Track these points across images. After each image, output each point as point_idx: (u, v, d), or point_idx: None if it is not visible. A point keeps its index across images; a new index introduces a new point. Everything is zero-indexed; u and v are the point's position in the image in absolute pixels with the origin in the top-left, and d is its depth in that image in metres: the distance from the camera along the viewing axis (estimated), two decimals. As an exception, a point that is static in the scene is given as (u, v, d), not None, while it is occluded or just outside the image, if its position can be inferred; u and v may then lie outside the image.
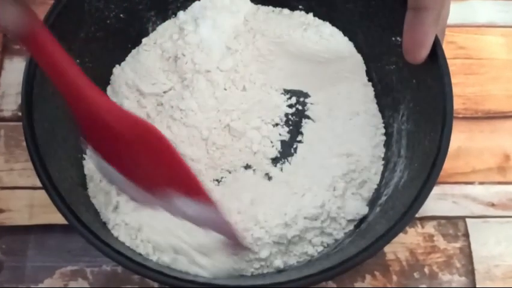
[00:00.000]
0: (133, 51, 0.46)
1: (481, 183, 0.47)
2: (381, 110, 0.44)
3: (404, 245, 0.44)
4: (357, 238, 0.38)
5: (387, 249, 0.44)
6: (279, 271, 0.39)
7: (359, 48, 0.45)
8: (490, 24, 0.53)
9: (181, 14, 0.47)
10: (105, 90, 0.45)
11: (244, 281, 0.38)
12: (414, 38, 0.37)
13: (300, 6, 0.47)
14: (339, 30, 0.46)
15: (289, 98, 0.46)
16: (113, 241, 0.38)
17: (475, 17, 0.53)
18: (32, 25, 0.31)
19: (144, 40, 0.46)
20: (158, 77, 0.45)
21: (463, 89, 0.50)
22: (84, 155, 0.42)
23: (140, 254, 0.38)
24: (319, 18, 0.46)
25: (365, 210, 0.41)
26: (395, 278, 0.44)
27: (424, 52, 0.37)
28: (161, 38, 0.46)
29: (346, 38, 0.46)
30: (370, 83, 0.45)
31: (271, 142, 0.44)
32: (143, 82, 0.45)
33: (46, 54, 0.32)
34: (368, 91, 0.45)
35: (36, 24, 0.31)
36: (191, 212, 0.35)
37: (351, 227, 0.41)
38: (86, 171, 0.42)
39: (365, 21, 0.44)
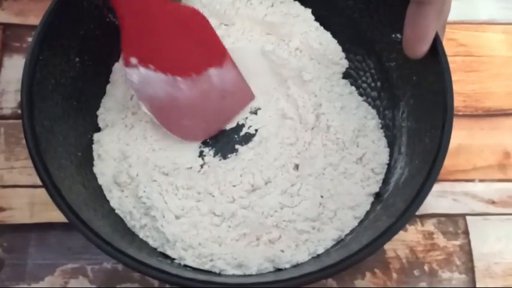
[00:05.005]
0: None
1: (481, 180, 0.47)
2: (381, 107, 0.44)
3: (404, 242, 0.44)
4: (358, 235, 0.38)
5: (387, 246, 0.44)
6: (279, 269, 0.39)
7: (359, 45, 0.45)
8: (491, 21, 0.52)
9: None
10: (104, 88, 0.44)
11: (245, 279, 0.38)
12: (416, 31, 0.36)
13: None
14: (339, 27, 0.46)
15: None
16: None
17: (475, 13, 0.53)
18: None
19: None
20: None
21: (463, 87, 0.50)
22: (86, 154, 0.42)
23: (162, 255, 0.39)
24: (318, 14, 0.46)
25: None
26: (395, 275, 0.44)
27: (425, 46, 0.36)
28: None
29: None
30: None
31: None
32: None
33: None
34: None
35: None
36: (219, 80, 0.43)
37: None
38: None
39: (365, 18, 0.44)
